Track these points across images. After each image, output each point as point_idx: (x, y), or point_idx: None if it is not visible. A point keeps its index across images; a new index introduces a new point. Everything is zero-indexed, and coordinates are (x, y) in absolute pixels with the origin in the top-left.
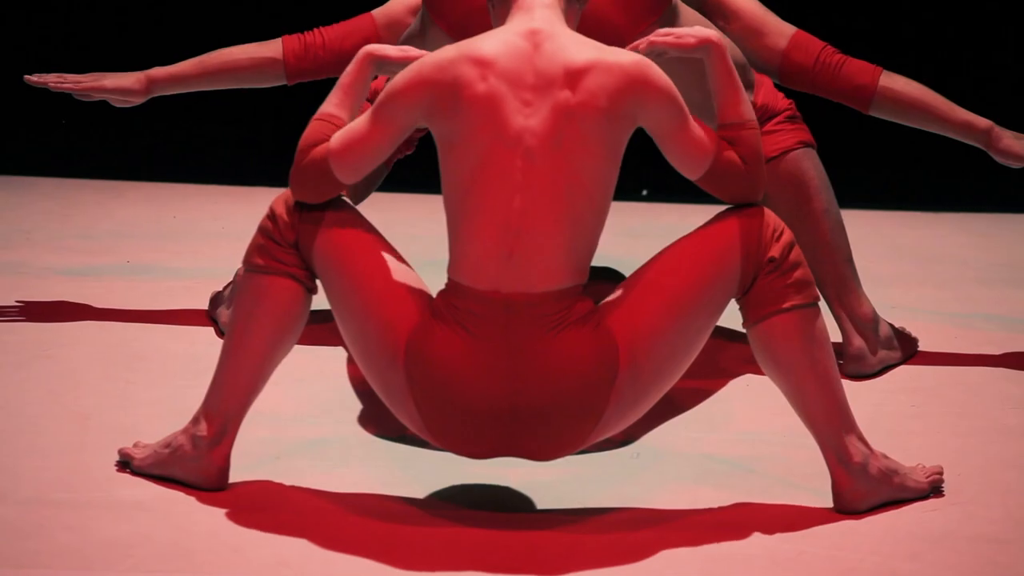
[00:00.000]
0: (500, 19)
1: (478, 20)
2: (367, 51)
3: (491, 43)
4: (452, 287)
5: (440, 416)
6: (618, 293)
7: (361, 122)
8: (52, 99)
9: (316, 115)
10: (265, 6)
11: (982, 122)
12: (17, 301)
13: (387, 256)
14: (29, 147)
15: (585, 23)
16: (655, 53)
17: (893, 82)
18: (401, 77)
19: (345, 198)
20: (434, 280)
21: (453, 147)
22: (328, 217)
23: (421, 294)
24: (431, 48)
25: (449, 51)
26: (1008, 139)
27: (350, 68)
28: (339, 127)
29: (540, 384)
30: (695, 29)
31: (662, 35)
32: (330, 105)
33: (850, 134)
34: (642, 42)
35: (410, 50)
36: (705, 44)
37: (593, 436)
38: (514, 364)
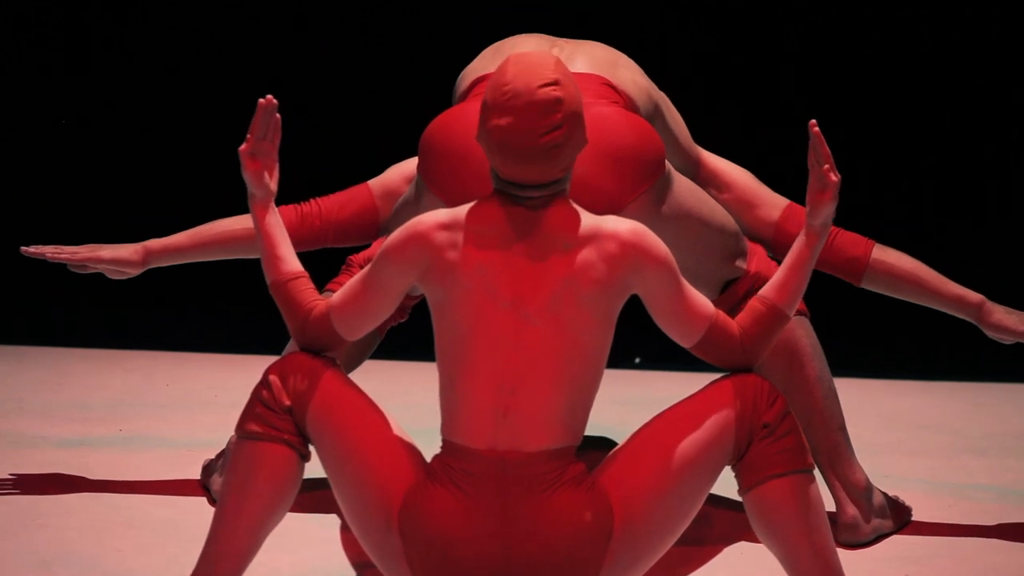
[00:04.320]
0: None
1: (473, 188)
2: (249, 197)
3: (486, 209)
4: (447, 447)
5: None
6: (612, 456)
7: (359, 284)
8: (43, 270)
9: (278, 280)
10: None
11: (974, 297)
12: (10, 473)
13: (380, 421)
14: (21, 317)
15: (578, 191)
16: (819, 180)
17: (886, 255)
18: (395, 237)
19: (338, 364)
20: (430, 448)
21: (447, 309)
22: (322, 384)
23: (415, 457)
24: None
25: (443, 214)
26: (999, 314)
27: (256, 218)
28: (304, 277)
29: (534, 545)
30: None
31: (837, 181)
32: (278, 264)
33: (842, 303)
34: (831, 169)
35: (253, 127)
36: (828, 226)
37: None
38: (508, 525)
